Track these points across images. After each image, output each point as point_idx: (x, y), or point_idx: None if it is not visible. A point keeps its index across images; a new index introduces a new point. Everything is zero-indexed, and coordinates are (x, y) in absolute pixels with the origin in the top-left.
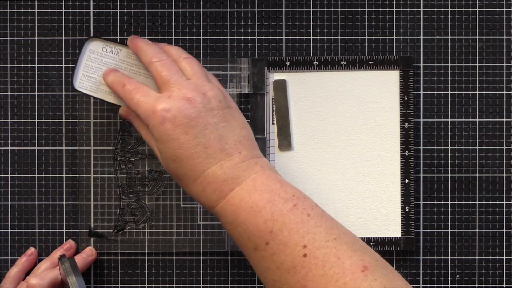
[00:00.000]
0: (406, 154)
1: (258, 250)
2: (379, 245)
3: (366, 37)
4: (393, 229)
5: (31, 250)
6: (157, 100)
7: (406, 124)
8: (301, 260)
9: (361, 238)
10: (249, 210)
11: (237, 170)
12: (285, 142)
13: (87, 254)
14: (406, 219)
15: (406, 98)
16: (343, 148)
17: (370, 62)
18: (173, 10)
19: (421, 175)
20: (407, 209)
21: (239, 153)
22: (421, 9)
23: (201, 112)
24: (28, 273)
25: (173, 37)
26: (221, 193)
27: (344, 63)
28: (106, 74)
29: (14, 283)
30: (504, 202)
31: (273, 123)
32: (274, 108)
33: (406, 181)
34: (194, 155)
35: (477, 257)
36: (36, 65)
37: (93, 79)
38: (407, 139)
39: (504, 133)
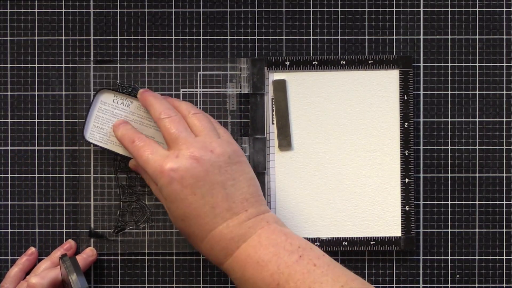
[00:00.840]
0: (406, 154)
1: None
2: (380, 244)
3: (366, 37)
4: (393, 228)
5: (32, 250)
6: (165, 159)
7: (406, 123)
8: None
9: (361, 237)
10: (255, 265)
11: (243, 227)
12: (285, 142)
13: (88, 255)
14: (406, 219)
15: (405, 98)
16: (343, 147)
17: (369, 62)
18: (173, 10)
19: (421, 175)
20: (407, 209)
21: (245, 211)
22: (421, 9)
23: (208, 171)
24: (28, 272)
25: (173, 37)
26: (228, 251)
27: (344, 62)
28: (116, 127)
29: (14, 283)
30: (504, 202)
31: (273, 123)
32: (274, 108)
33: (406, 180)
34: (202, 215)
35: (477, 257)
36: (36, 65)
37: (104, 131)
38: (407, 138)
39: (504, 133)
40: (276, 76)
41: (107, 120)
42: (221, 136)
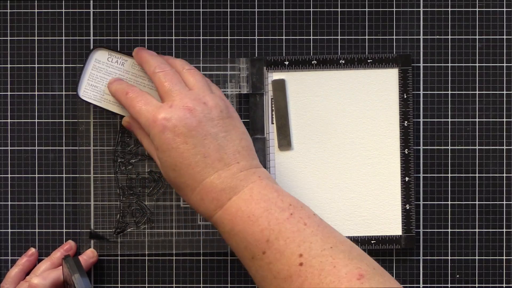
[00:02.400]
0: (406, 152)
1: (255, 259)
2: (380, 243)
3: (366, 37)
4: (393, 227)
5: (32, 250)
6: (158, 109)
7: (406, 122)
8: (297, 269)
9: (362, 236)
10: (246, 219)
11: (235, 179)
12: (285, 141)
13: (88, 256)
14: (407, 217)
15: (405, 96)
16: (343, 146)
17: (369, 61)
18: (173, 10)
19: (421, 175)
20: (408, 207)
21: (237, 163)
22: (421, 9)
23: (201, 122)
24: (28, 273)
25: (173, 37)
26: (219, 202)
27: (343, 61)
28: (111, 83)
29: (14, 283)
30: (504, 202)
31: (272, 123)
32: (273, 108)
33: (406, 179)
34: (193, 164)
35: (477, 257)
36: (36, 65)
37: (98, 89)
38: (407, 137)
39: (504, 133)
40: (276, 76)
41: (102, 78)
42: (214, 91)
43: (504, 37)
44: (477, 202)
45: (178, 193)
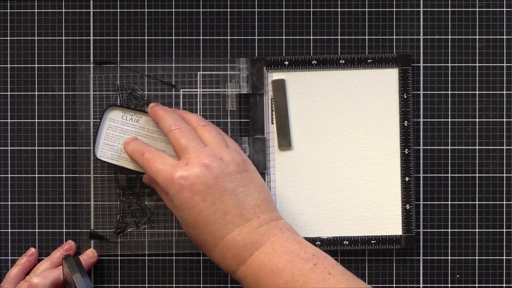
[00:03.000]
0: (406, 152)
1: None
2: (380, 243)
3: (366, 37)
4: (394, 227)
5: (32, 250)
6: (175, 168)
7: (406, 122)
8: None
9: (362, 236)
10: (270, 272)
11: (256, 234)
12: (285, 141)
13: (89, 256)
14: (407, 217)
15: (405, 96)
16: (343, 146)
17: (369, 61)
18: (173, 10)
19: (421, 175)
20: (408, 207)
21: (257, 217)
22: (421, 9)
23: (218, 178)
24: (28, 273)
25: (173, 37)
26: (241, 259)
27: (343, 61)
28: (127, 144)
29: (14, 283)
30: (504, 202)
31: (272, 123)
32: (273, 108)
33: (407, 179)
34: (213, 221)
35: (477, 257)
36: (36, 65)
37: (114, 148)
38: (407, 137)
39: (504, 133)
40: (275, 75)
41: (117, 137)
42: (230, 146)
43: (504, 37)
44: (477, 202)
45: (200, 249)
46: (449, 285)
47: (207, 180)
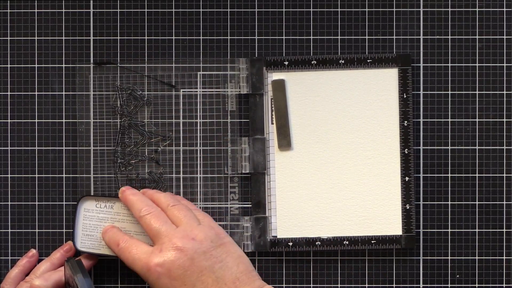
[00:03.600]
0: (406, 152)
1: None
2: (380, 243)
3: (366, 37)
4: (394, 227)
5: (33, 252)
6: (150, 256)
7: (406, 122)
8: None
9: (362, 236)
10: None
11: None
12: (285, 141)
13: (89, 257)
14: (407, 217)
15: (405, 96)
16: (343, 146)
17: (368, 61)
18: (173, 10)
19: (421, 175)
20: (408, 207)
21: None
22: (421, 9)
23: (194, 259)
24: (27, 274)
25: (173, 37)
26: None
27: (343, 61)
28: (104, 233)
29: (14, 284)
30: (504, 202)
31: (272, 123)
32: (273, 108)
33: (406, 179)
34: None
35: (477, 257)
36: (36, 65)
37: (93, 237)
38: (407, 136)
39: (504, 133)
40: (275, 76)
41: (95, 226)
42: (202, 221)
43: (504, 37)
44: (477, 202)
45: None
46: (449, 285)
47: (183, 263)
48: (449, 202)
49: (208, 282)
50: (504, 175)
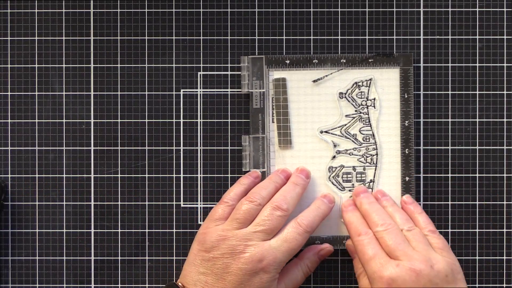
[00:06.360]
0: (407, 152)
1: None
2: None
3: (367, 37)
4: None
5: (258, 173)
6: (385, 265)
7: (407, 122)
8: None
9: None
10: None
11: None
12: (285, 140)
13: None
14: None
15: (406, 96)
16: (343, 146)
17: (370, 60)
18: (173, 10)
19: (421, 175)
20: None
21: None
22: (421, 9)
23: (425, 286)
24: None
25: (173, 37)
26: None
27: (344, 61)
28: (345, 208)
29: (237, 200)
30: (504, 202)
31: (273, 122)
32: (274, 107)
33: (407, 179)
34: None
35: (477, 257)
36: (36, 65)
37: None
38: (408, 136)
39: (504, 133)
40: (276, 74)
41: None
42: (437, 251)
43: (504, 37)
44: (477, 202)
45: None
46: None
47: (414, 287)
48: (449, 202)
49: None
50: (504, 175)
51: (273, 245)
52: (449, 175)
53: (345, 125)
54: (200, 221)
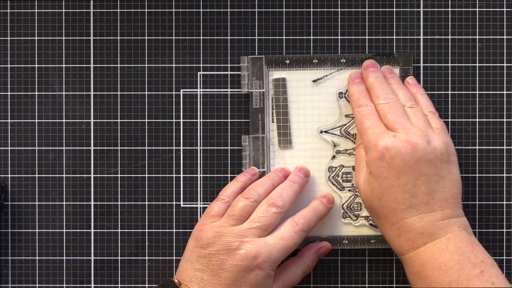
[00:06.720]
0: None
1: None
2: (380, 243)
3: (366, 37)
4: None
5: (255, 170)
6: (382, 135)
7: None
8: None
9: (361, 236)
10: (437, 268)
11: (435, 226)
12: (285, 140)
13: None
14: None
15: None
16: (344, 145)
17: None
18: (173, 10)
19: None
20: None
21: (441, 210)
22: (421, 9)
23: (419, 161)
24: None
25: (173, 37)
26: (414, 244)
27: (344, 61)
28: (352, 80)
29: (233, 198)
30: (504, 202)
31: (273, 122)
32: (274, 107)
33: None
34: (399, 200)
35: None
36: (36, 65)
37: None
38: None
39: (504, 133)
40: (276, 74)
41: None
42: (435, 131)
43: (504, 37)
44: (477, 202)
45: (372, 219)
46: None
47: (407, 159)
48: None
49: (420, 188)
50: (504, 175)
51: (269, 242)
52: None
53: (345, 125)
54: None
